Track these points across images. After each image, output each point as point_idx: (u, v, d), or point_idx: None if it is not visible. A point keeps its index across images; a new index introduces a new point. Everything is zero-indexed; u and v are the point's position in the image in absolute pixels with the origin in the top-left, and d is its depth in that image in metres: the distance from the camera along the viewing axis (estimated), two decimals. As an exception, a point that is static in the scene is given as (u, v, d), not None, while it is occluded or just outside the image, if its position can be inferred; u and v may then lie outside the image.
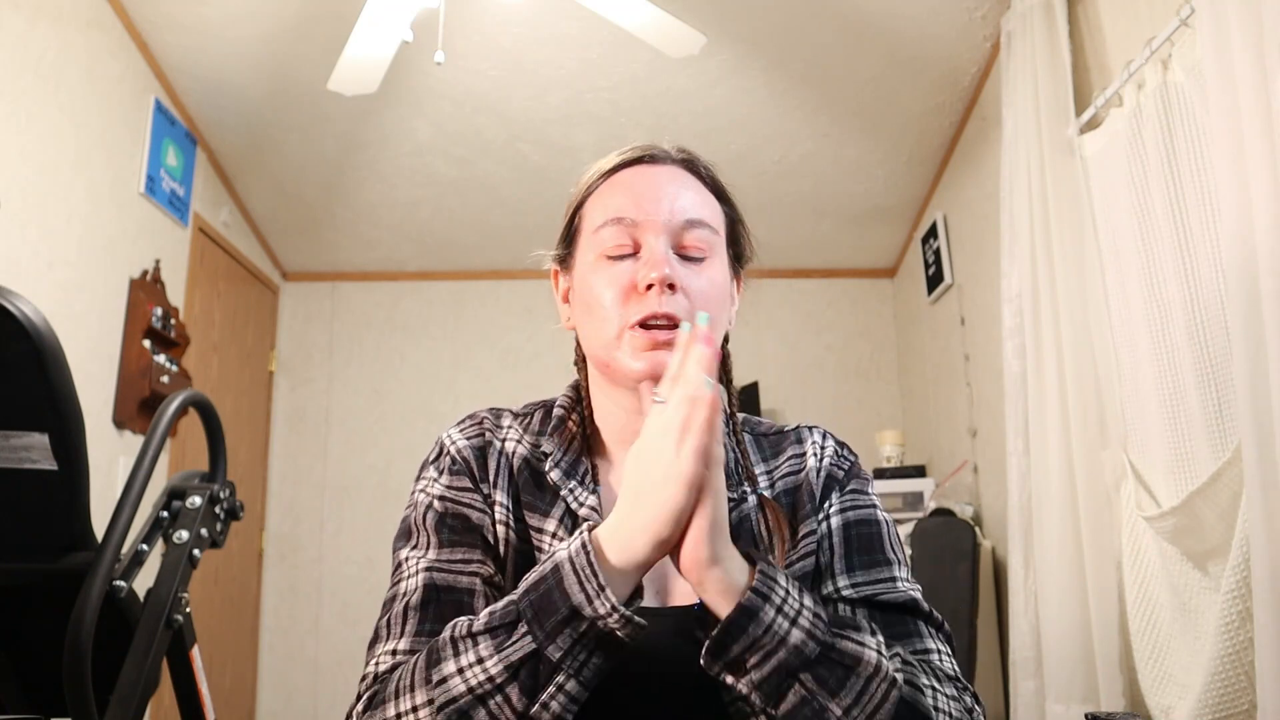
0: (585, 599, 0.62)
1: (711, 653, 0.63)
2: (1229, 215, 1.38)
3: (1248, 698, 1.42)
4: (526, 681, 0.61)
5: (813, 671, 0.62)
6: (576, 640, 0.62)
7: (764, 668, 0.62)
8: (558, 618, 0.62)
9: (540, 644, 0.62)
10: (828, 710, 0.61)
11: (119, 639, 1.09)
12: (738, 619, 0.62)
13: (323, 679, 3.64)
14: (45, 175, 2.23)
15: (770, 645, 0.62)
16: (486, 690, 0.61)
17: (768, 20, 2.53)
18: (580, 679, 0.62)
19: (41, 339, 0.95)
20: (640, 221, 0.76)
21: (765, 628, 0.62)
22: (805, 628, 0.63)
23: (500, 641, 0.63)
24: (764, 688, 0.62)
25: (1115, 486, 1.90)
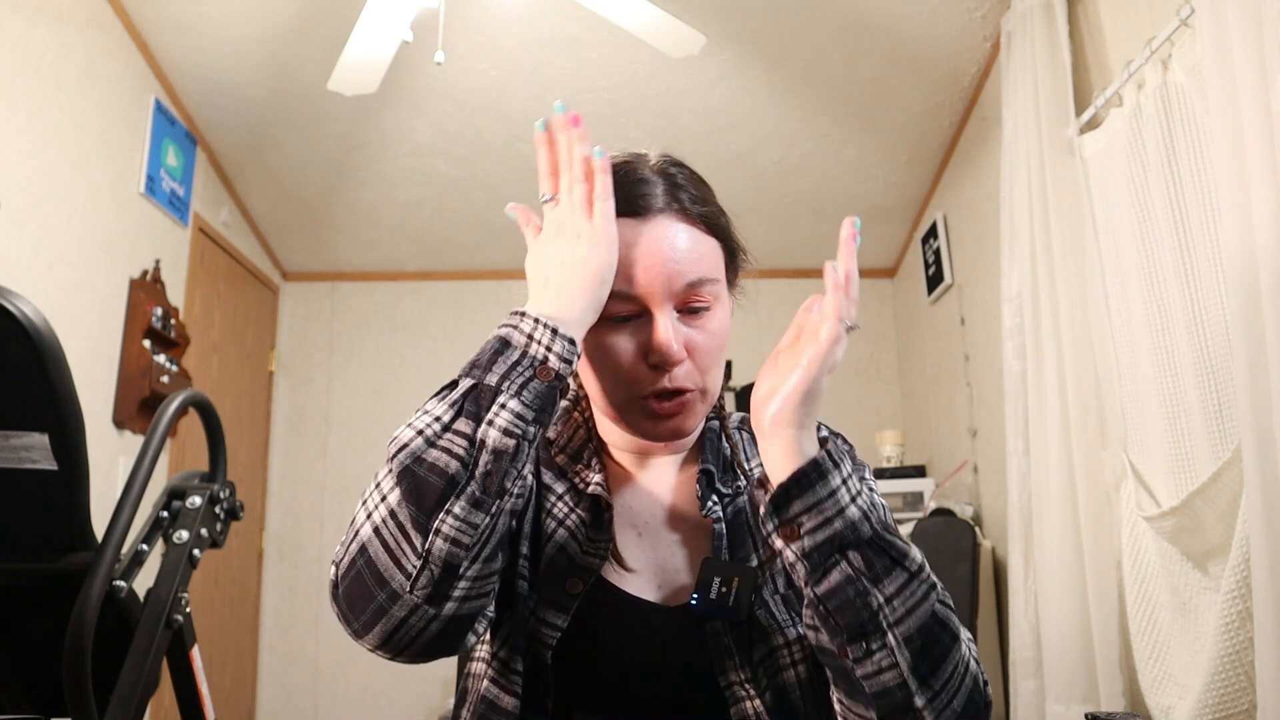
0: (511, 329, 0.66)
1: (774, 504, 0.64)
2: (1229, 215, 1.38)
3: (1248, 698, 1.42)
4: (470, 410, 0.63)
5: (862, 553, 0.62)
6: (511, 366, 0.65)
7: (818, 535, 0.62)
8: (490, 353, 0.65)
9: (478, 379, 0.64)
10: (870, 594, 0.61)
11: (119, 639, 1.09)
12: (809, 472, 0.63)
13: (323, 679, 3.64)
14: (45, 175, 2.23)
15: (830, 511, 0.62)
16: (435, 430, 0.63)
17: (768, 20, 2.53)
18: (522, 399, 0.64)
19: (41, 339, 0.95)
20: (638, 295, 0.73)
21: (830, 491, 0.63)
22: (863, 508, 0.64)
23: (443, 395, 0.66)
24: (813, 557, 0.62)
25: (1115, 486, 1.90)
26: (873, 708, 0.62)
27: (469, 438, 0.62)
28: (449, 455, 0.61)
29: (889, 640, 0.61)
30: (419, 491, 0.60)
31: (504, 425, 0.62)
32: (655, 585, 0.77)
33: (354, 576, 0.61)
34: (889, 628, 0.61)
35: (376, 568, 0.60)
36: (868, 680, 0.61)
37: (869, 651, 0.61)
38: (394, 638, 0.61)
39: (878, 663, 0.61)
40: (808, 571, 0.62)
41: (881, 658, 0.61)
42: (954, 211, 3.13)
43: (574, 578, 0.74)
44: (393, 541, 0.60)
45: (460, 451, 0.61)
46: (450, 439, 0.62)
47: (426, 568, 0.60)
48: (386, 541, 0.61)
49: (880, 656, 0.61)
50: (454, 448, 0.62)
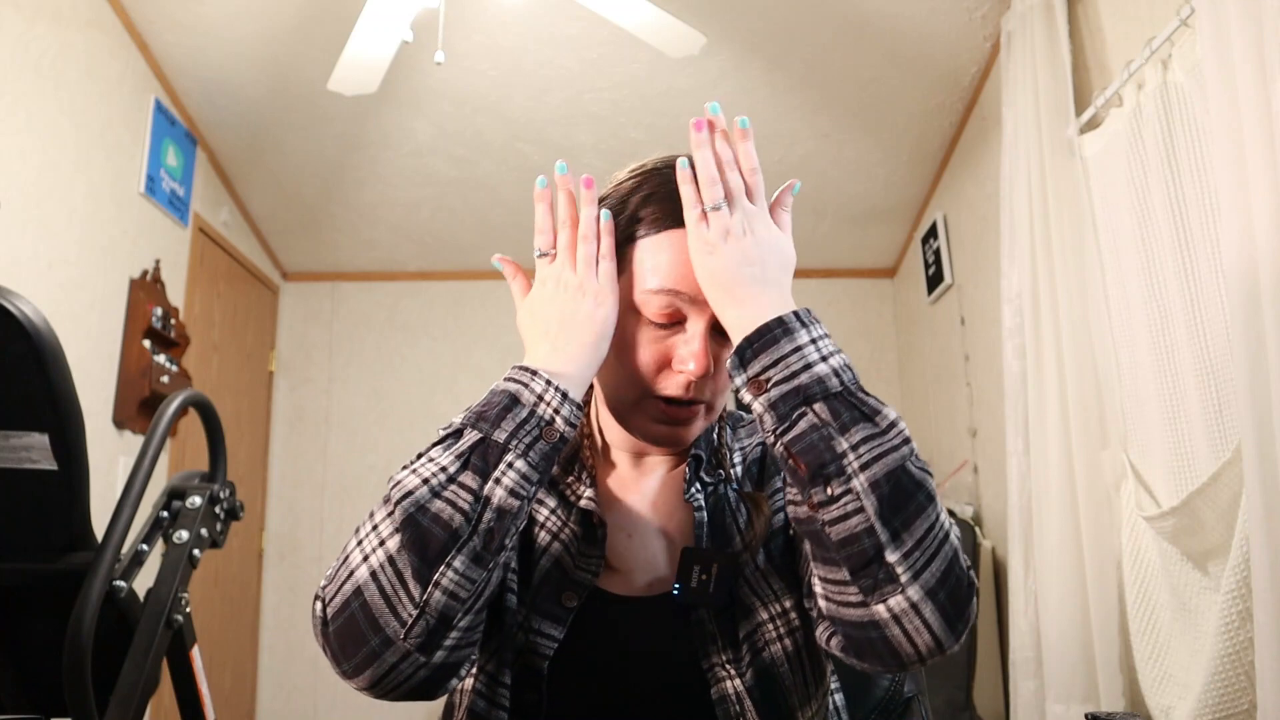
0: (521, 387, 0.67)
1: (739, 357, 0.66)
2: (1229, 215, 1.38)
3: (1248, 698, 1.42)
4: (478, 464, 0.64)
5: (829, 404, 0.63)
6: (520, 424, 0.65)
7: (783, 387, 0.63)
8: (499, 408, 0.66)
9: (486, 433, 0.65)
10: (835, 439, 0.61)
11: (119, 639, 1.09)
12: (772, 327, 0.65)
13: (323, 679, 3.63)
14: (45, 175, 2.23)
15: (796, 366, 0.64)
16: (440, 481, 0.63)
17: (768, 20, 2.53)
18: (528, 459, 0.64)
19: (41, 339, 0.95)
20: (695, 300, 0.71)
21: (795, 347, 0.64)
22: (834, 366, 0.64)
23: (449, 444, 0.66)
24: (778, 408, 0.63)
25: (1115, 486, 1.90)
26: (843, 563, 0.61)
27: (475, 493, 0.63)
28: (453, 509, 0.62)
29: (853, 484, 0.60)
30: (421, 542, 0.61)
31: (510, 485, 0.63)
32: (644, 583, 0.78)
33: (347, 618, 0.62)
34: (854, 473, 0.60)
35: (371, 613, 0.61)
36: (834, 528, 0.61)
37: (832, 496, 0.61)
38: (383, 681, 0.62)
39: (843, 506, 0.60)
40: (774, 421, 0.64)
41: (846, 500, 0.60)
42: (954, 211, 3.13)
43: (568, 591, 0.75)
44: (390, 588, 0.61)
45: (465, 506, 0.62)
46: (455, 491, 0.63)
47: (423, 617, 0.61)
48: (384, 587, 0.61)
49: (845, 500, 0.60)
50: (459, 501, 0.62)
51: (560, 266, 0.73)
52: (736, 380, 0.66)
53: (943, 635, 0.60)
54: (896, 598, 0.59)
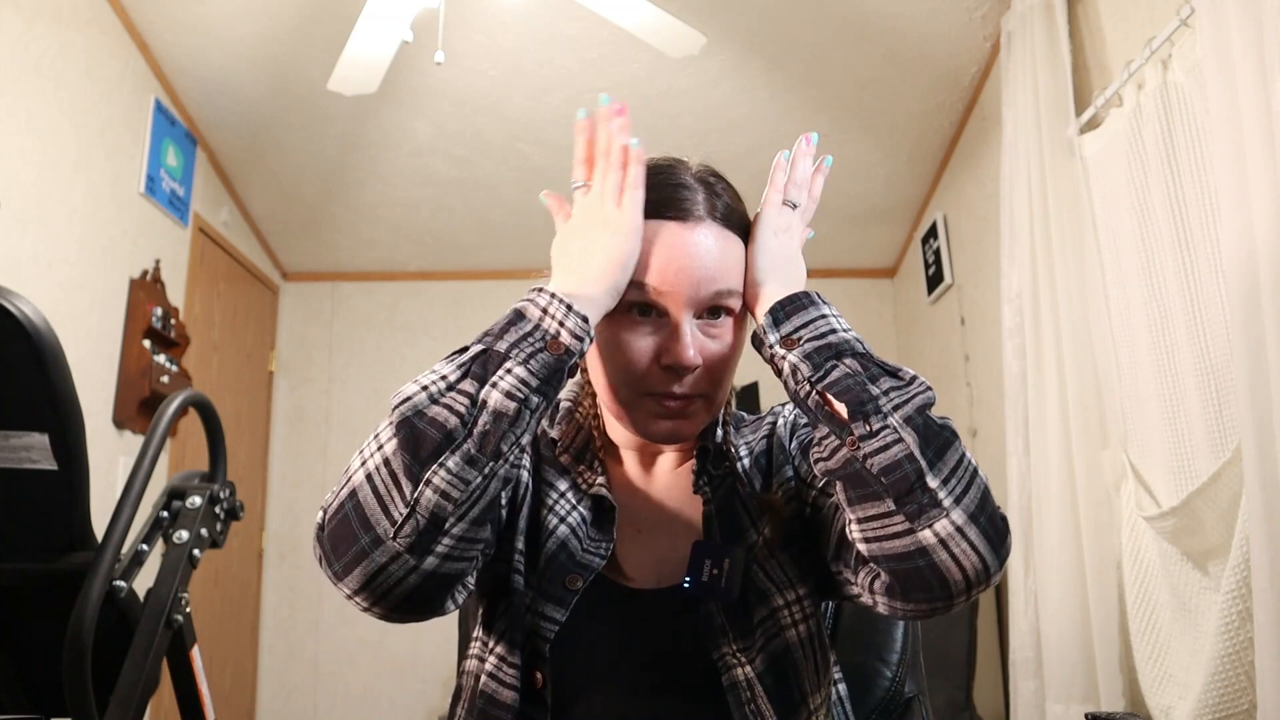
0: (528, 303, 0.68)
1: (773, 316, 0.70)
2: (1229, 215, 1.38)
3: (1248, 698, 1.42)
4: (477, 372, 0.64)
5: (857, 360, 0.66)
6: (523, 335, 0.66)
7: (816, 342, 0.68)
8: (504, 323, 0.67)
9: (489, 345, 0.66)
10: (869, 387, 0.64)
11: (119, 639, 1.09)
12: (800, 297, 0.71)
13: (323, 679, 3.64)
14: (45, 175, 2.23)
15: (824, 329, 0.69)
16: (440, 388, 0.64)
17: (768, 20, 2.53)
18: (529, 367, 0.65)
19: (41, 339, 0.95)
20: (666, 292, 0.73)
21: (821, 314, 0.70)
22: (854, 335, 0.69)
23: (453, 357, 0.67)
24: (813, 358, 0.67)
25: (1115, 486, 1.90)
26: (888, 493, 0.62)
27: (471, 397, 0.63)
28: (450, 411, 0.62)
29: (890, 420, 0.63)
30: (415, 442, 0.61)
31: (507, 388, 0.63)
32: (654, 577, 0.78)
33: (341, 519, 0.62)
34: (889, 410, 0.63)
35: (364, 511, 0.61)
36: (876, 458, 0.62)
37: (872, 431, 0.63)
38: (372, 583, 0.61)
39: (883, 439, 0.62)
40: (811, 369, 0.66)
41: (886, 434, 0.62)
42: (954, 211, 3.13)
43: (573, 574, 0.75)
44: (383, 488, 0.61)
45: (461, 409, 0.62)
46: (453, 397, 0.63)
47: (413, 516, 0.60)
48: (377, 487, 0.62)
49: (885, 433, 0.62)
50: (455, 405, 0.63)
51: (592, 198, 0.75)
52: (770, 338, 0.70)
53: (989, 558, 0.62)
54: (942, 521, 0.61)
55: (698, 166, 0.80)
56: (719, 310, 0.75)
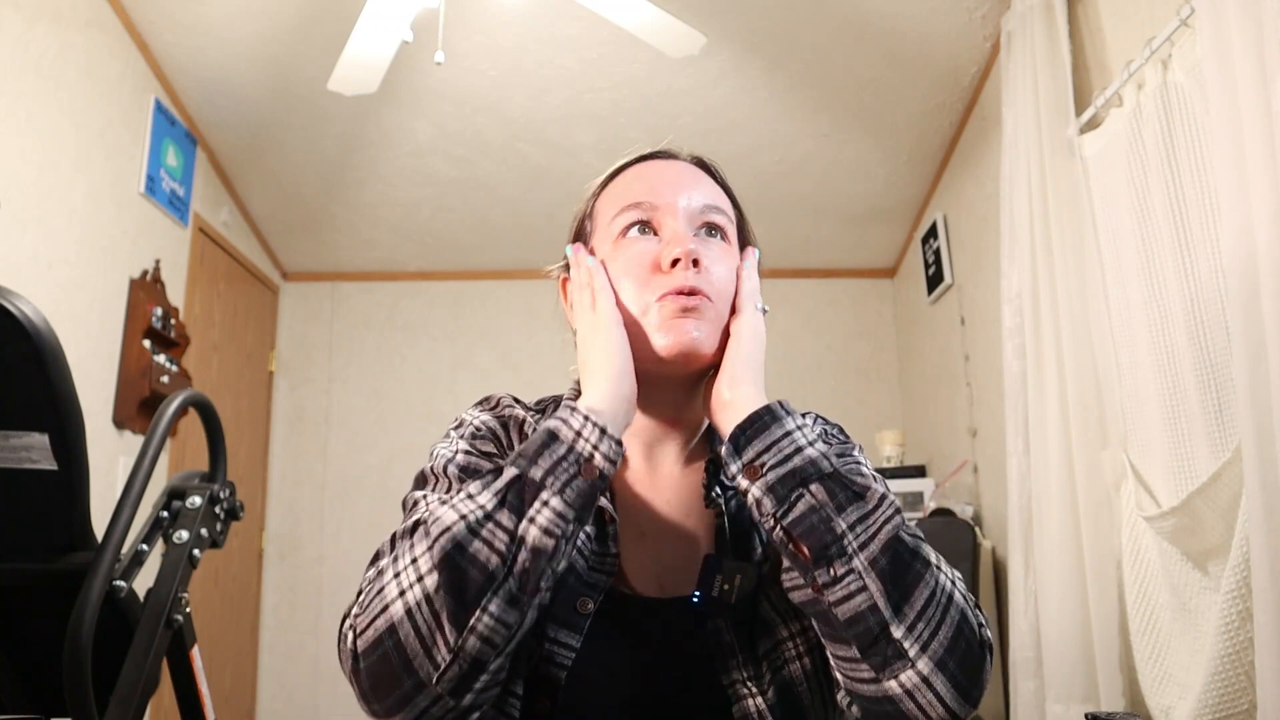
0: (561, 423, 0.67)
1: (734, 444, 0.68)
2: (1229, 215, 1.38)
3: (1248, 698, 1.42)
4: (513, 502, 0.64)
5: (824, 484, 0.65)
6: (557, 461, 0.65)
7: (780, 470, 0.66)
8: (537, 444, 0.66)
9: (523, 469, 0.65)
10: (833, 522, 0.63)
11: (119, 639, 1.09)
12: (762, 415, 0.69)
13: (323, 679, 3.64)
14: (45, 175, 2.23)
15: (788, 450, 0.67)
16: (478, 518, 0.63)
17: (768, 20, 2.53)
18: (564, 497, 0.64)
19: (41, 339, 0.95)
20: (659, 205, 0.77)
21: (786, 432, 0.68)
22: (821, 450, 0.67)
23: (487, 481, 0.66)
24: (777, 490, 0.65)
25: (1115, 486, 1.90)
26: (852, 642, 0.62)
27: (510, 532, 0.62)
28: (490, 549, 0.62)
29: (855, 564, 0.62)
30: (459, 584, 0.60)
31: (545, 524, 0.63)
32: (658, 584, 0.77)
33: (380, 656, 0.61)
34: (854, 551, 0.62)
35: (405, 652, 0.60)
36: (840, 608, 0.62)
37: (836, 577, 0.62)
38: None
39: (847, 586, 0.62)
40: (774, 504, 0.65)
41: (850, 580, 0.62)
42: (954, 211, 3.13)
43: (583, 596, 0.73)
44: (425, 629, 0.60)
45: (501, 547, 0.62)
46: (492, 530, 0.62)
47: (457, 662, 0.60)
48: (419, 627, 0.60)
49: (849, 580, 0.62)
50: (495, 541, 0.62)
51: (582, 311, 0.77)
52: (731, 467, 0.68)
53: (956, 706, 0.61)
54: (907, 673, 0.61)
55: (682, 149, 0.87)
56: (713, 230, 0.79)
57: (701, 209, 0.78)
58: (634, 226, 0.77)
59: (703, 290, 0.74)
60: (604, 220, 0.80)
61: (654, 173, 0.80)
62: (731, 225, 0.81)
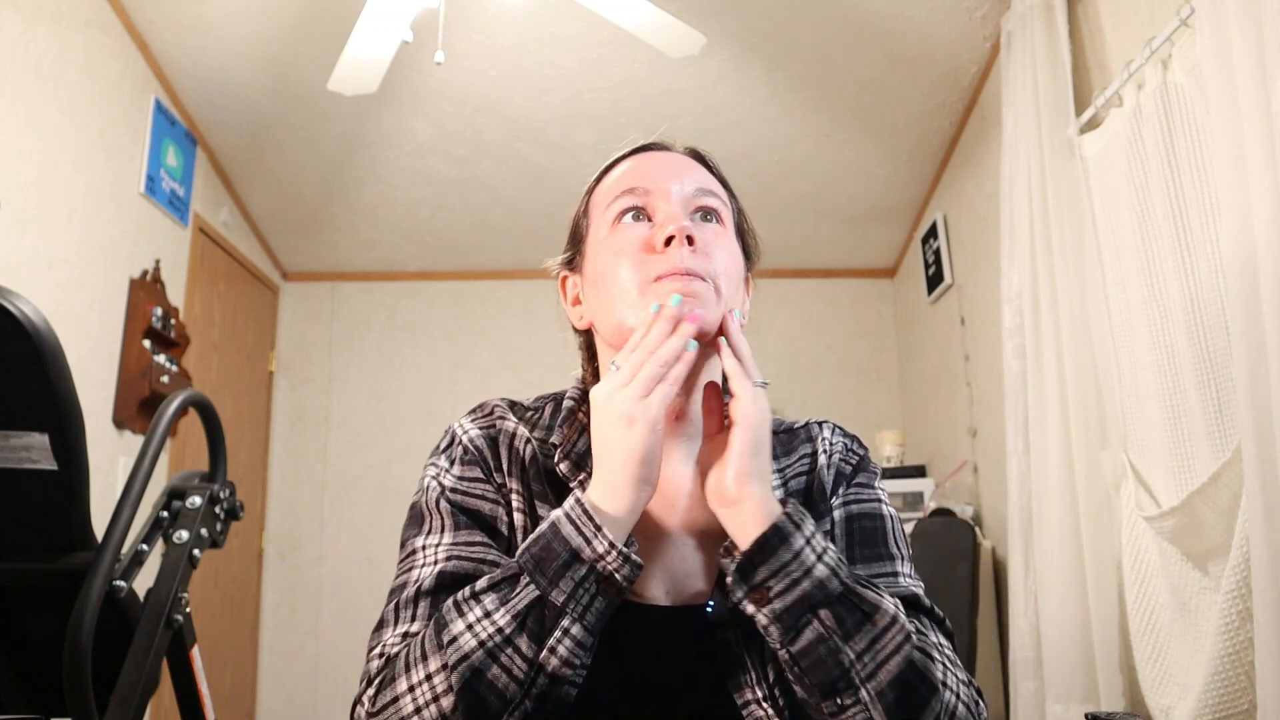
0: (584, 541, 0.64)
1: (740, 573, 0.65)
2: (1229, 215, 1.38)
3: (1248, 698, 1.42)
4: (533, 628, 0.62)
5: (832, 609, 0.63)
6: (578, 584, 0.63)
7: (787, 597, 0.63)
8: (558, 563, 0.63)
9: (544, 590, 0.63)
10: (842, 652, 0.62)
11: (119, 639, 1.09)
12: (770, 538, 0.64)
13: (323, 679, 3.64)
14: (45, 175, 2.23)
15: (796, 574, 0.64)
16: (497, 643, 0.62)
17: (768, 20, 2.53)
18: (584, 623, 0.63)
19: (41, 339, 0.95)
20: (651, 190, 0.77)
21: (794, 554, 0.64)
22: (830, 565, 0.65)
23: (504, 595, 0.64)
24: (784, 619, 0.63)
25: (1115, 486, 1.90)
26: None
27: (530, 661, 0.62)
28: (508, 676, 0.62)
29: (861, 695, 0.62)
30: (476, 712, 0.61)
31: (565, 655, 0.63)
32: (664, 590, 0.75)
33: None
34: (861, 683, 0.62)
35: None
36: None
37: (843, 707, 0.62)
38: None
39: (852, 717, 0.62)
40: (780, 633, 0.63)
41: (856, 712, 0.62)
42: (954, 211, 3.13)
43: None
44: None
45: (519, 674, 0.62)
46: (511, 657, 0.62)
47: None
48: None
49: (854, 711, 0.62)
50: (514, 668, 0.62)
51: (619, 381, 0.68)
52: (737, 593, 0.65)
53: None
54: None
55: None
56: (709, 214, 0.78)
57: (695, 193, 0.78)
58: (628, 213, 0.77)
59: (699, 272, 0.72)
60: (598, 212, 0.80)
61: (647, 163, 0.81)
62: (727, 210, 0.81)
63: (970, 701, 0.65)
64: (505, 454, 0.79)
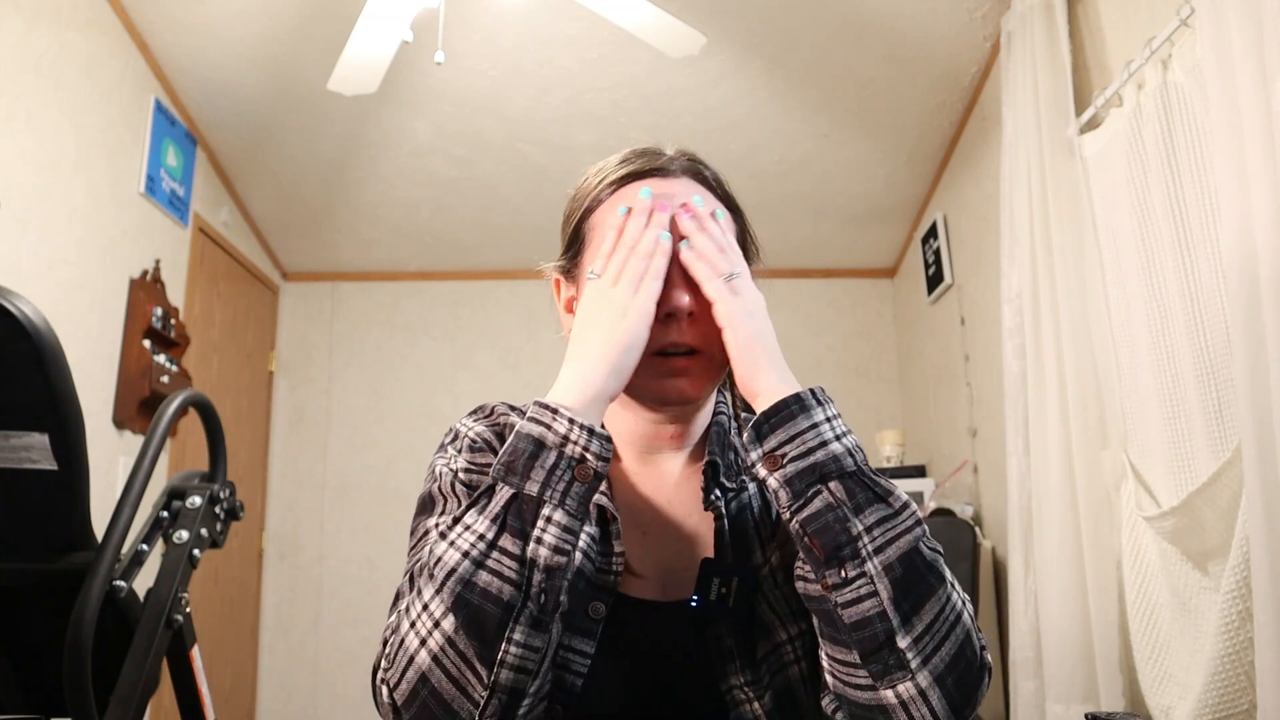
0: (544, 429, 0.64)
1: (756, 431, 0.65)
2: (1229, 215, 1.38)
3: (1248, 698, 1.42)
4: (514, 525, 0.62)
5: (844, 483, 0.63)
6: (550, 470, 0.63)
7: (799, 463, 0.63)
8: (525, 457, 0.63)
9: (517, 487, 0.63)
10: (849, 522, 0.62)
11: (119, 639, 1.09)
12: (790, 404, 0.65)
13: (323, 679, 3.63)
14: (45, 175, 2.23)
15: (812, 443, 0.64)
16: (481, 550, 0.61)
17: (768, 20, 2.53)
18: (565, 507, 0.62)
19: (41, 339, 0.95)
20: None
21: (812, 424, 0.64)
22: (848, 446, 0.65)
23: (481, 506, 0.64)
24: (794, 484, 0.63)
25: (1115, 486, 1.90)
26: (854, 646, 0.61)
27: (518, 558, 0.61)
28: (500, 580, 0.60)
29: (868, 568, 0.61)
30: (477, 623, 0.60)
31: (553, 542, 0.61)
32: (660, 585, 0.76)
33: (420, 706, 0.60)
34: (868, 555, 0.61)
35: (443, 698, 0.60)
36: (847, 610, 0.61)
37: (846, 579, 0.61)
38: None
39: (857, 590, 0.61)
40: (789, 498, 0.63)
41: (861, 584, 0.61)
42: (954, 211, 3.13)
43: (595, 600, 0.73)
44: (455, 671, 0.60)
45: (511, 575, 0.61)
46: (498, 559, 0.61)
47: (494, 696, 0.59)
48: (449, 671, 0.60)
49: (859, 583, 0.61)
50: (504, 570, 0.61)
51: (605, 283, 0.71)
52: (751, 455, 0.66)
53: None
54: (905, 684, 0.60)
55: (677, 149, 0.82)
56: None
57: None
58: None
59: (699, 345, 0.72)
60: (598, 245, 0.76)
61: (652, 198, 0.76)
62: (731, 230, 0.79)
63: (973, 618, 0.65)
64: None
